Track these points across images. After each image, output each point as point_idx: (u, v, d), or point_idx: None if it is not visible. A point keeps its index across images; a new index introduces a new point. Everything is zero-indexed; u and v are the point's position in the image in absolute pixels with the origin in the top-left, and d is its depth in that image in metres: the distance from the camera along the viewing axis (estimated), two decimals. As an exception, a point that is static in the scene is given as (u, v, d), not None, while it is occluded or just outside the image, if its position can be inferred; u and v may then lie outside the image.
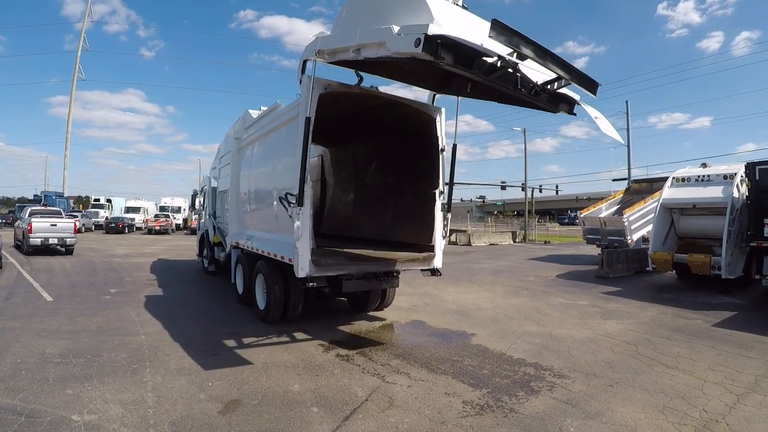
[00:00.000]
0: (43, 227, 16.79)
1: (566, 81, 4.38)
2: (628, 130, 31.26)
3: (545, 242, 32.31)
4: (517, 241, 32.31)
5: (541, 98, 4.72)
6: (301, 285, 6.35)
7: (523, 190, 37.37)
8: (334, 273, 6.33)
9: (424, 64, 4.06)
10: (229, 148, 10.68)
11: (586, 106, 5.15)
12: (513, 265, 17.08)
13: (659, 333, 7.29)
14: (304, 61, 5.65)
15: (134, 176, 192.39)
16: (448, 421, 4.08)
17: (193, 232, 23.48)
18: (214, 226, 12.25)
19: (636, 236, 16.18)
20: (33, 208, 19.57)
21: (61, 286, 10.46)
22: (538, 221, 51.07)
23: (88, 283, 10.98)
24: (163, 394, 4.47)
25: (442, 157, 7.24)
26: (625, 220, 15.84)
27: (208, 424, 3.89)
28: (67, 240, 17.23)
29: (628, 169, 30.92)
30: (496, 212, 71.16)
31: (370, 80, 6.51)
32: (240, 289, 9.03)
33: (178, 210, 39.64)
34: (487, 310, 8.91)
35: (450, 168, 7.40)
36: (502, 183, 40.89)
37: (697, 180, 12.21)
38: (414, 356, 5.92)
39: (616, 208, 18.04)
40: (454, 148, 7.35)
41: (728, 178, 11.37)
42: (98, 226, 35.93)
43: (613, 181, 35.20)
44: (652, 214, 13.38)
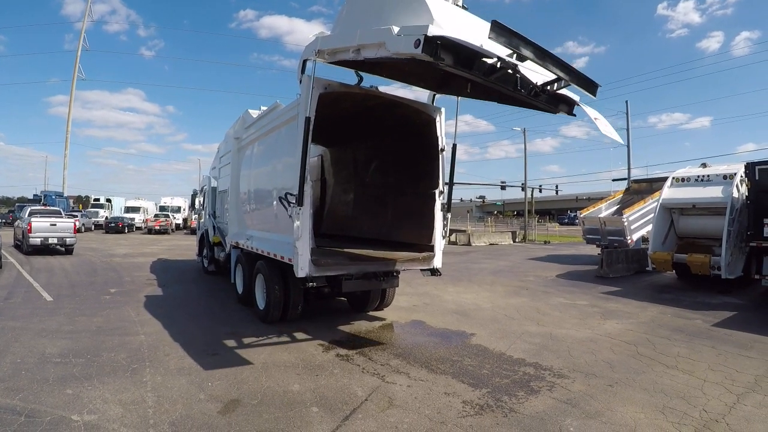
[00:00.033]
0: (42, 227, 16.79)
1: (566, 82, 4.40)
2: (627, 130, 31.34)
3: (545, 242, 32.31)
4: (517, 241, 32.31)
5: (540, 99, 4.74)
6: (301, 285, 6.36)
7: (523, 190, 37.42)
8: (334, 273, 6.33)
9: (424, 64, 4.06)
10: (228, 147, 10.68)
11: (586, 107, 5.15)
12: (513, 265, 17.08)
13: (659, 333, 7.30)
14: (304, 61, 5.66)
15: (134, 176, 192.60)
16: (448, 421, 4.08)
17: (193, 231, 23.47)
18: (214, 226, 12.25)
19: (636, 236, 16.19)
20: (33, 208, 19.57)
21: (60, 286, 10.46)
22: (538, 221, 51.09)
23: (87, 283, 10.98)
24: (163, 394, 4.47)
25: (442, 157, 7.25)
26: (625, 220, 15.85)
27: (208, 424, 3.90)
28: (67, 240, 17.23)
29: (628, 169, 30.98)
30: (495, 212, 71.17)
31: (370, 80, 6.52)
32: (240, 289, 9.03)
33: (178, 210, 39.66)
34: (487, 310, 8.91)
35: (450, 168, 7.42)
36: (502, 183, 40.92)
37: (696, 180, 12.22)
38: (414, 356, 5.93)
39: (615, 208, 18.04)
40: (454, 148, 7.36)
41: (728, 178, 11.37)
42: (98, 226, 35.92)
43: (613, 181, 35.31)
44: (652, 214, 13.38)
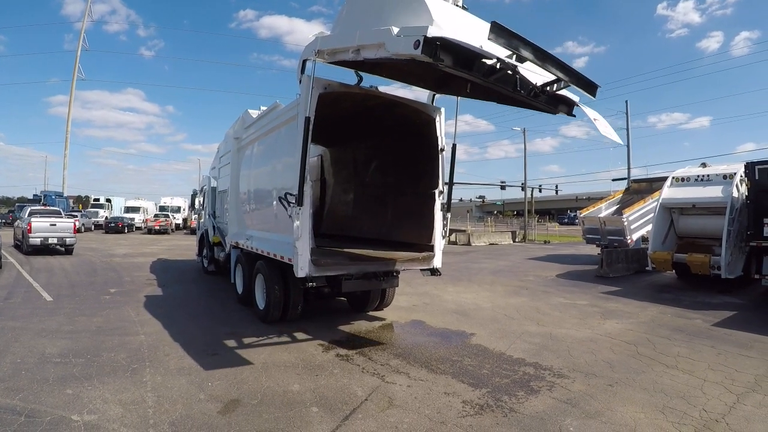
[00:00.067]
0: (42, 227, 16.78)
1: (565, 83, 4.40)
2: (627, 129, 31.37)
3: (545, 242, 32.30)
4: (517, 240, 32.31)
5: (540, 100, 4.74)
6: (301, 285, 6.36)
7: (523, 190, 37.43)
8: (334, 273, 6.33)
9: (424, 65, 4.06)
10: (228, 147, 10.68)
11: (585, 108, 5.15)
12: (512, 265, 17.08)
13: (659, 333, 7.30)
14: (304, 61, 5.65)
15: (134, 176, 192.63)
16: (448, 420, 4.08)
17: (193, 231, 23.48)
18: (214, 226, 12.25)
19: (635, 236, 16.20)
20: (32, 208, 19.57)
21: (60, 286, 10.46)
22: (538, 221, 51.02)
23: (87, 283, 10.98)
24: (163, 394, 4.48)
25: (441, 157, 7.25)
26: (625, 219, 15.85)
27: (208, 424, 3.90)
28: (67, 240, 17.22)
29: (628, 169, 31.00)
30: (495, 212, 71.21)
31: (370, 80, 6.52)
32: (240, 289, 9.03)
33: (178, 210, 39.65)
34: (487, 310, 8.92)
35: (450, 168, 7.42)
36: (502, 183, 40.92)
37: (696, 180, 12.22)
38: (414, 356, 5.93)
39: (615, 207, 18.05)
40: (454, 147, 7.36)
41: (728, 178, 11.38)
42: (98, 226, 35.90)
43: (613, 180, 35.40)
44: (652, 214, 13.39)
